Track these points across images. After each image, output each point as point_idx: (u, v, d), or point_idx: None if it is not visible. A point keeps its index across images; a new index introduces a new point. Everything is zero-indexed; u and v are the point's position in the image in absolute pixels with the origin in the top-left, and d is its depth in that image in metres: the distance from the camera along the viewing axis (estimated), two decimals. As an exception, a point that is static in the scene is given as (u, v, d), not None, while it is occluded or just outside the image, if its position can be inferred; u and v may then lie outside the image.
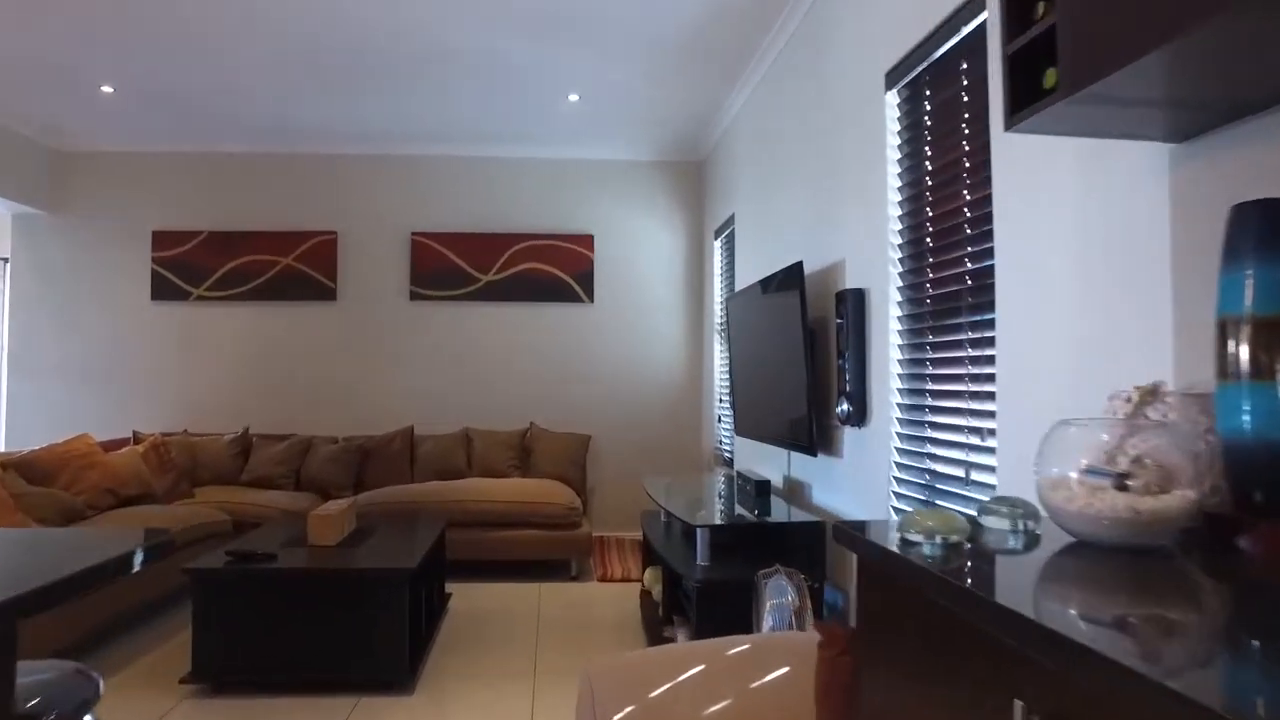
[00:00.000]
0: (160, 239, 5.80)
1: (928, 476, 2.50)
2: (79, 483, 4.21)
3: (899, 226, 2.72)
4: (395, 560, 3.22)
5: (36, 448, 4.27)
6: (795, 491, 3.70)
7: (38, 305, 5.81)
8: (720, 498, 3.90)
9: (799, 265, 3.21)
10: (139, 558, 1.38)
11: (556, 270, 5.87)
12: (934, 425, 2.48)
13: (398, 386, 5.84)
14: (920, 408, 2.56)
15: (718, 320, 5.59)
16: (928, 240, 2.53)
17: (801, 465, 3.61)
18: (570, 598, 4.49)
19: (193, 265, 5.79)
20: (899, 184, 2.72)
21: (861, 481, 2.95)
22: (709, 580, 2.95)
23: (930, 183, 2.51)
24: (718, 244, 5.62)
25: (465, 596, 4.46)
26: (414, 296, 5.84)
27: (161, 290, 5.79)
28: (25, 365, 5.80)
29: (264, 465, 5.24)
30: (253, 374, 5.83)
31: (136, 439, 5.13)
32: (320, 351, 5.84)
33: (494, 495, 4.85)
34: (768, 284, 3.64)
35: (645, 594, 4.18)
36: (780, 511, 3.36)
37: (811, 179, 3.50)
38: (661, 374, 5.97)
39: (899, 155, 2.71)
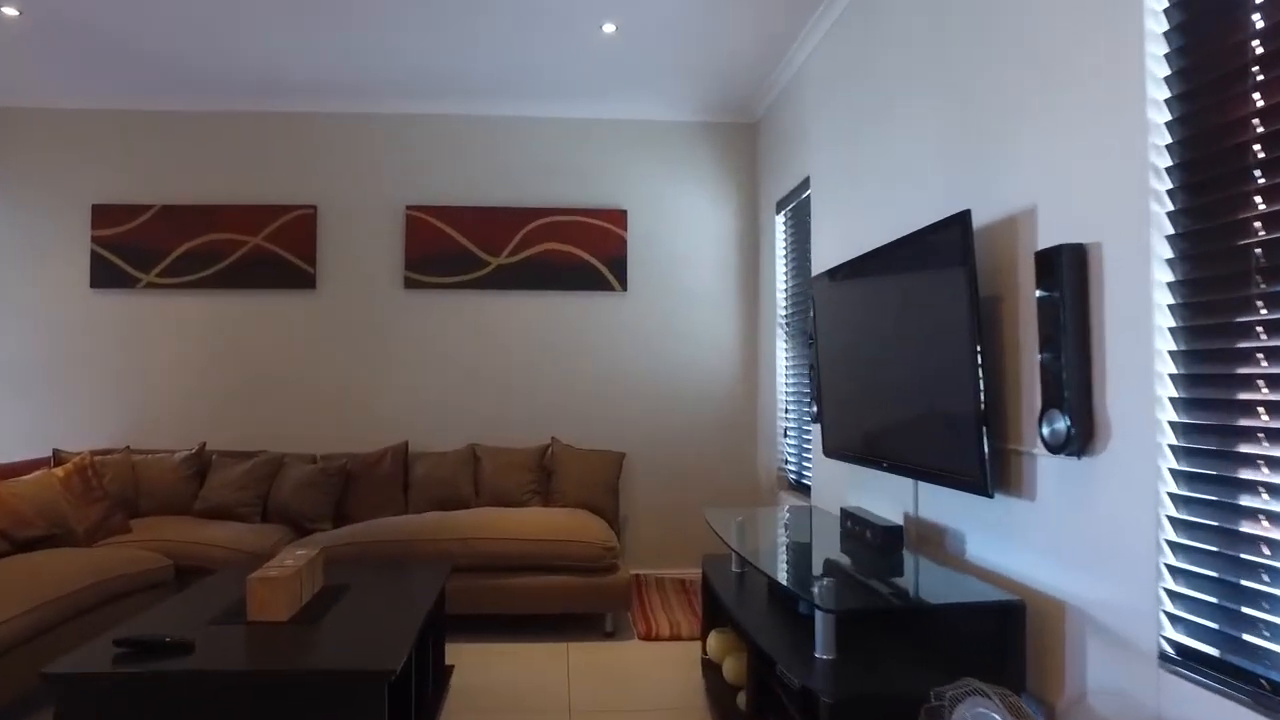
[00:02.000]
0: (101, 215, 4.79)
1: (1247, 547, 1.46)
2: (-38, 521, 3.19)
3: (1169, 139, 1.68)
4: (369, 653, 2.19)
5: (-92, 475, 3.26)
6: (930, 541, 2.65)
7: (-43, 295, 4.81)
8: (816, 543, 2.86)
9: (963, 218, 2.18)
10: None
11: (582, 252, 4.83)
12: (1268, 461, 1.44)
13: (388, 393, 4.81)
14: (1228, 430, 1.52)
15: (780, 311, 4.55)
16: (1253, 151, 1.49)
17: (943, 503, 2.56)
18: (607, 663, 3.47)
19: (141, 247, 4.78)
20: (1170, 68, 1.68)
21: (1079, 538, 1.90)
22: (846, 696, 1.91)
23: (1261, 50, 1.47)
24: (780, 219, 4.59)
25: (471, 664, 3.43)
26: (409, 284, 4.81)
27: (102, 276, 4.78)
28: (-58, 368, 4.80)
29: (222, 490, 4.21)
30: (212, 378, 4.80)
31: (57, 460, 4.11)
32: (295, 351, 4.81)
33: (508, 531, 3.82)
34: (888, 254, 2.60)
35: (710, 666, 3.16)
36: (932, 579, 2.30)
37: (955, 94, 2.47)
38: (708, 378, 4.93)
39: (1178, 18, 1.67)
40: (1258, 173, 1.48)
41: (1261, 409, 1.47)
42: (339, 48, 4.14)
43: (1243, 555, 1.49)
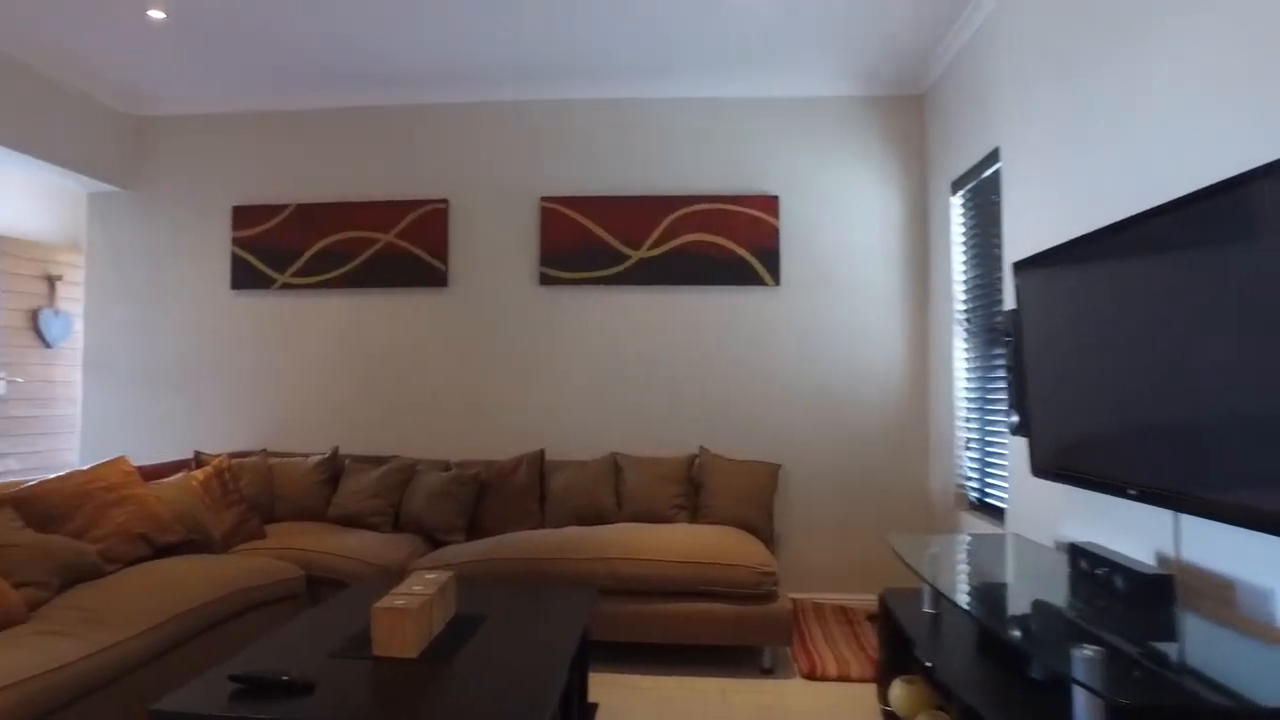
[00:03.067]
0: (241, 216, 4.75)
1: None
2: (99, 525, 3.09)
3: None
4: (510, 699, 1.83)
5: (50, 476, 3.18)
6: (1206, 595, 2.05)
7: (113, 297, 4.89)
8: (1035, 586, 2.31)
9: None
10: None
11: (730, 243, 4.40)
12: None
13: (524, 397, 4.53)
14: None
15: (958, 306, 3.98)
16: None
17: (1227, 546, 1.97)
18: (769, 707, 3.02)
19: (276, 246, 4.70)
20: None
21: None
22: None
23: None
24: (956, 201, 4.01)
25: (615, 701, 3.06)
26: (544, 280, 4.51)
27: (242, 277, 4.73)
28: (101, 366, 4.88)
29: (355, 498, 4.03)
30: (344, 379, 4.67)
31: (198, 461, 4.03)
32: (427, 351, 4.61)
33: (656, 551, 3.43)
34: (1159, 222, 2.03)
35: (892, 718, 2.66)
36: (1239, 656, 1.72)
37: None
38: (872, 381, 4.39)
39: None
40: None
41: None
42: (472, 35, 3.89)
43: None
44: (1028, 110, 3.13)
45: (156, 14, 3.78)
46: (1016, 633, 1.83)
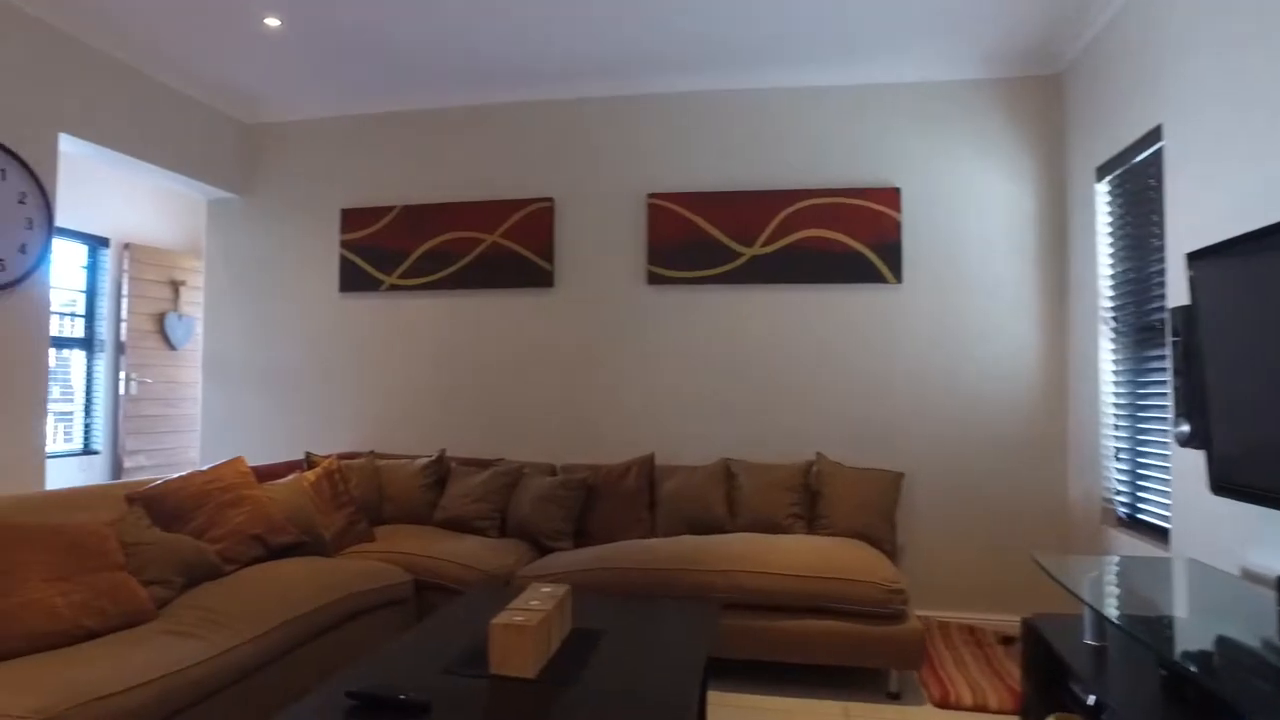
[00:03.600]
0: (349, 219, 4.79)
1: None
2: (218, 525, 3.10)
3: None
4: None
5: (173, 476, 3.23)
6: None
7: (230, 300, 5.01)
8: (1231, 622, 2.01)
9: None
10: None
11: (848, 239, 4.16)
12: None
13: (632, 400, 4.40)
14: None
15: (1105, 303, 3.63)
16: None
17: None
18: (901, 743, 2.78)
19: (384, 248, 4.72)
20: None
21: None
22: None
23: None
24: (1102, 188, 3.66)
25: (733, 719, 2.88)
26: (653, 279, 4.37)
27: (350, 279, 4.77)
28: (219, 367, 5.01)
29: (461, 501, 3.98)
30: (450, 381, 4.64)
31: (310, 463, 4.05)
32: (533, 353, 4.54)
33: (777, 564, 3.23)
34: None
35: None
36: None
37: None
38: (1004, 384, 4.07)
39: None
40: None
41: None
42: (576, 29, 3.78)
43: None
44: (1200, 82, 2.79)
45: (273, 21, 3.83)
46: (1226, 682, 1.56)
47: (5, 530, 2.45)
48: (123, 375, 5.41)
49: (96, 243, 5.43)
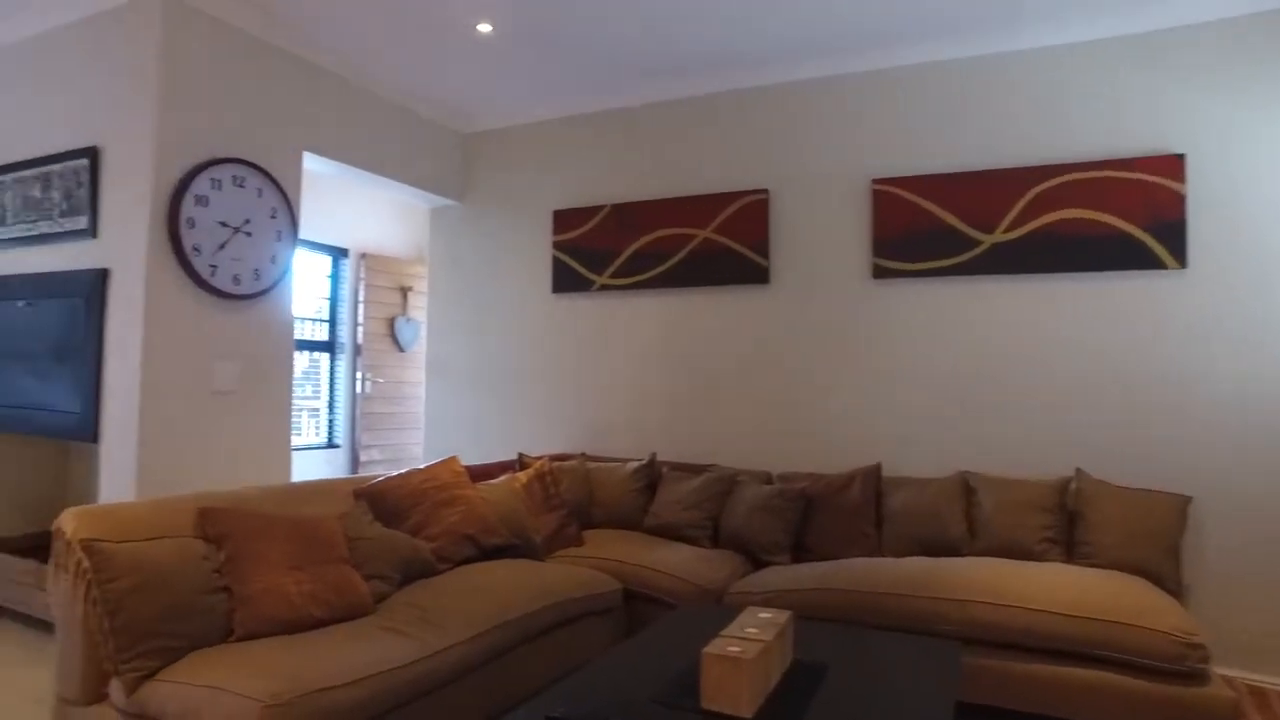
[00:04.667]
0: (561, 220, 4.80)
1: None
2: (433, 524, 3.13)
3: None
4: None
5: (393, 474, 3.31)
6: None
7: (450, 303, 5.21)
8: None
9: None
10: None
11: (1114, 218, 3.55)
12: None
13: (855, 404, 4.03)
14: None
15: None
16: None
17: None
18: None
19: (594, 248, 4.68)
20: None
21: None
22: None
23: None
24: None
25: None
26: (878, 272, 3.98)
27: (562, 280, 4.77)
28: (440, 368, 5.22)
29: (672, 508, 3.81)
30: (662, 383, 4.50)
31: (522, 464, 4.06)
32: (748, 353, 4.29)
33: (1028, 596, 2.76)
34: None
35: None
36: None
37: None
38: (1328, 392, 3.29)
39: None
40: None
41: None
42: (785, 9, 3.50)
43: None
44: None
45: (484, 28, 3.87)
46: None
47: (254, 520, 2.56)
48: (359, 375, 5.80)
49: (338, 253, 5.86)
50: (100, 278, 3.47)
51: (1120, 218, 3.53)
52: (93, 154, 3.55)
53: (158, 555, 2.30)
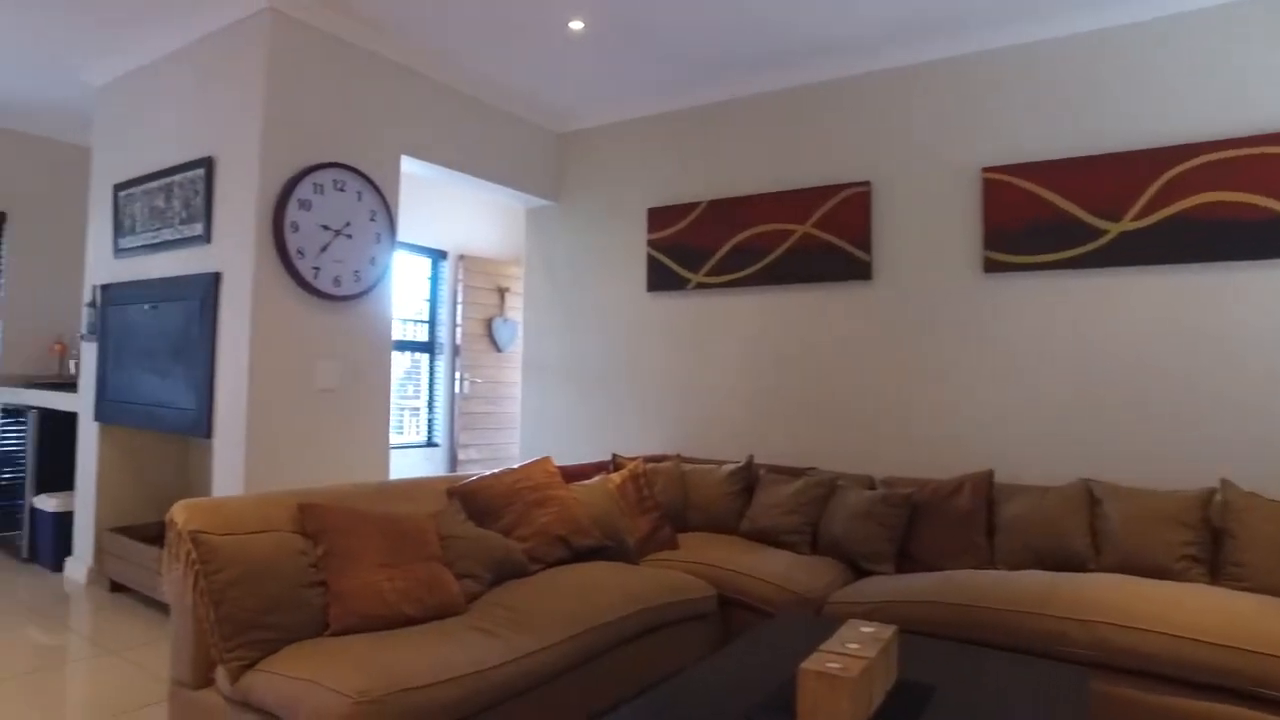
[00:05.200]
0: (656, 217, 4.74)
1: None
2: (525, 524, 3.11)
3: None
4: None
5: (486, 473, 3.31)
6: None
7: (546, 303, 5.22)
8: None
9: None
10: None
11: (1257, 198, 3.22)
12: None
13: (964, 406, 3.80)
14: None
15: None
16: None
17: None
18: None
19: (690, 246, 4.59)
20: None
21: None
22: None
23: None
24: None
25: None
26: (990, 266, 3.74)
27: (658, 279, 4.71)
28: (535, 368, 5.25)
29: (770, 512, 3.68)
30: (758, 383, 4.37)
31: (616, 465, 4.01)
32: (849, 352, 4.12)
33: (1166, 620, 2.51)
34: None
35: None
36: None
37: None
38: None
39: None
40: None
41: None
42: (903, -27, 3.32)
43: None
44: None
45: (576, 25, 3.85)
46: None
47: (350, 516, 2.60)
48: (457, 376, 5.90)
49: (437, 255, 5.98)
50: (213, 281, 3.63)
51: (1267, 195, 3.18)
52: (208, 164, 3.71)
53: (259, 549, 2.35)
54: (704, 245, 4.53)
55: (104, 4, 3.75)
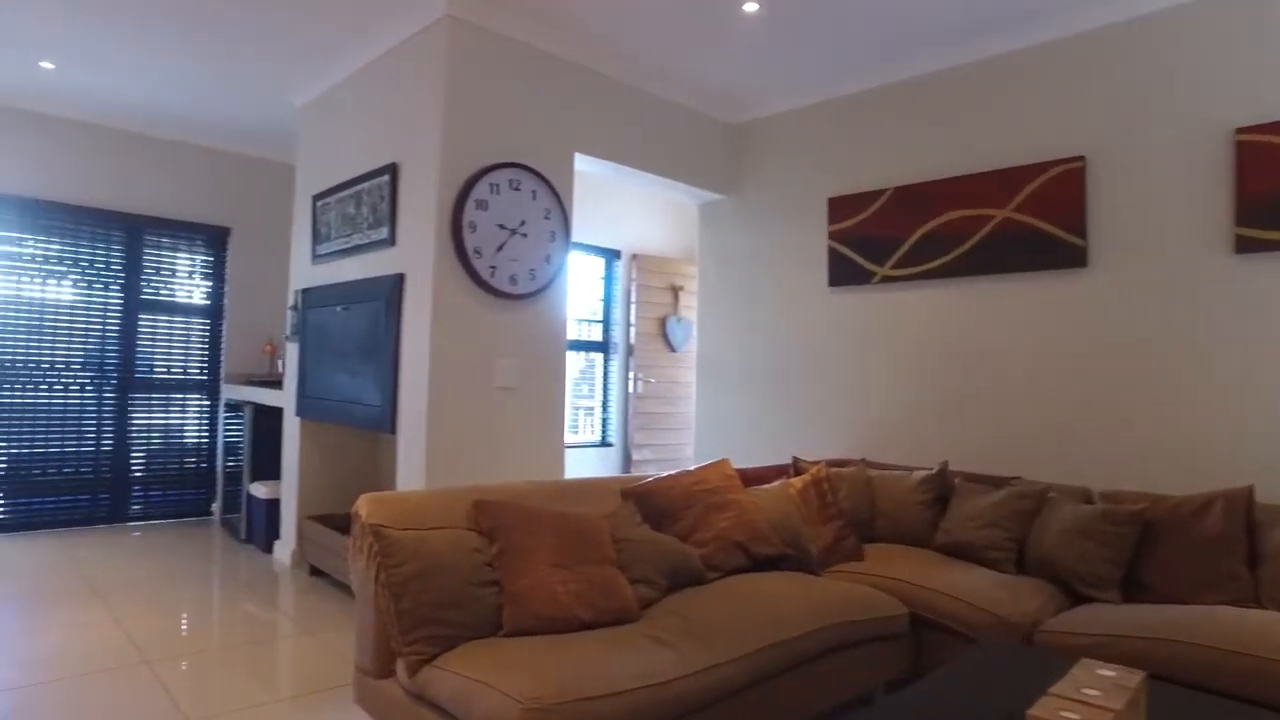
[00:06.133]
0: (837, 207, 4.45)
1: None
2: (702, 529, 2.96)
3: None
4: None
5: (662, 474, 3.19)
6: None
7: (720, 301, 5.07)
8: None
9: None
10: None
11: None
12: None
13: (1208, 409, 3.27)
14: None
15: None
16: None
17: None
18: None
19: (875, 237, 4.27)
20: None
21: None
22: None
23: None
24: None
25: None
26: (1242, 246, 3.18)
27: (840, 273, 4.42)
28: (711, 368, 5.10)
29: (967, 526, 3.33)
30: (953, 383, 3.99)
31: (797, 468, 3.78)
32: (1060, 348, 3.66)
33: None
34: None
35: None
36: None
37: None
38: None
39: None
40: None
41: None
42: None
43: None
44: None
45: (751, 7, 3.66)
46: None
47: (525, 514, 2.56)
48: (631, 375, 5.86)
49: (611, 255, 5.98)
50: (398, 281, 3.75)
51: None
52: (392, 170, 3.85)
53: (436, 544, 2.34)
54: (890, 235, 4.21)
55: (308, 31, 4.00)
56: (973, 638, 2.74)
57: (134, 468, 5.71)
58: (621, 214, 6.03)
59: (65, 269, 5.43)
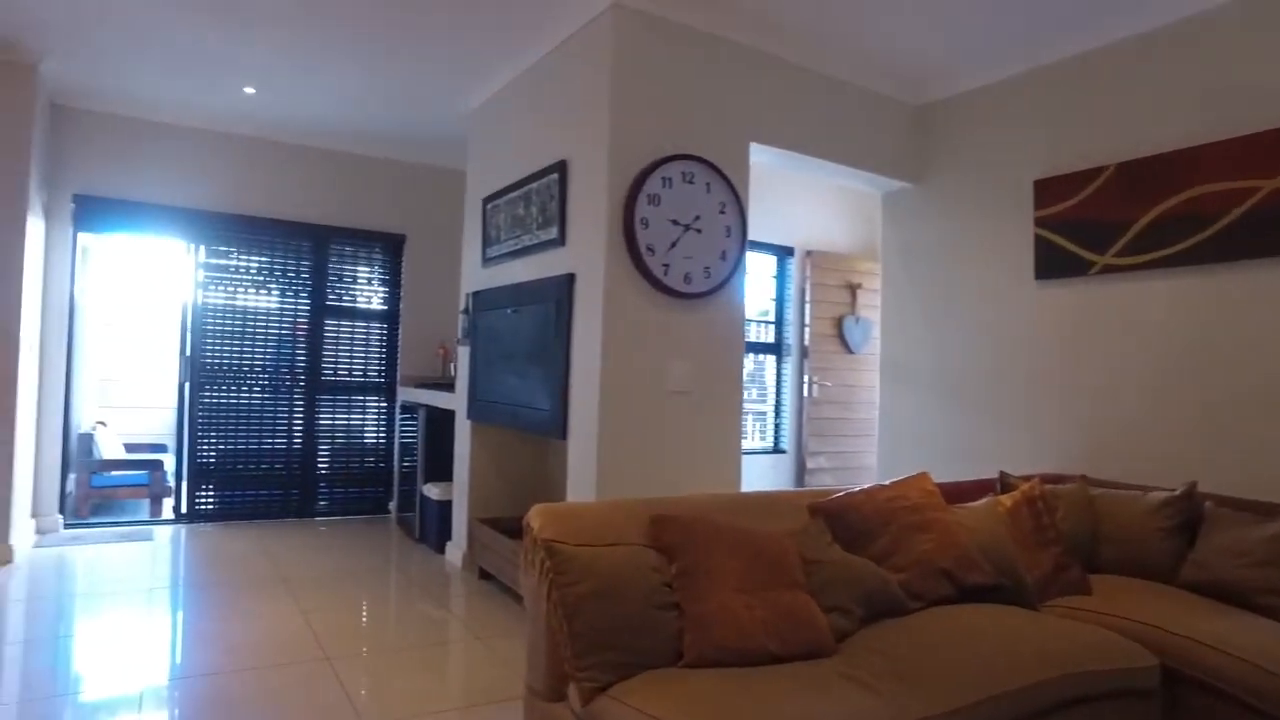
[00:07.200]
0: (1044, 191, 3.93)
1: None
2: (901, 552, 2.62)
3: None
4: None
5: (854, 488, 2.87)
6: None
7: (908, 298, 4.65)
8: None
9: None
10: None
11: None
12: None
13: None
14: None
15: None
16: None
17: None
18: None
19: (1093, 220, 3.73)
20: None
21: None
22: None
23: None
24: None
25: None
26: None
27: (1049, 264, 3.90)
28: (896, 371, 4.70)
29: (1227, 560, 2.78)
30: (1197, 389, 3.40)
31: (1004, 485, 3.33)
32: (1342, 349, 3.02)
33: None
34: None
35: None
36: None
37: None
38: None
39: None
40: None
41: None
42: None
43: None
44: None
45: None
46: None
47: (708, 531, 2.34)
48: (805, 379, 5.53)
49: (783, 253, 5.67)
50: (568, 282, 3.63)
51: None
52: (561, 168, 3.75)
53: (612, 562, 2.17)
54: (1113, 219, 3.66)
55: (478, 40, 4.01)
56: (1250, 703, 2.24)
57: (319, 466, 6.00)
58: (795, 210, 5.70)
59: (264, 279, 5.77)
